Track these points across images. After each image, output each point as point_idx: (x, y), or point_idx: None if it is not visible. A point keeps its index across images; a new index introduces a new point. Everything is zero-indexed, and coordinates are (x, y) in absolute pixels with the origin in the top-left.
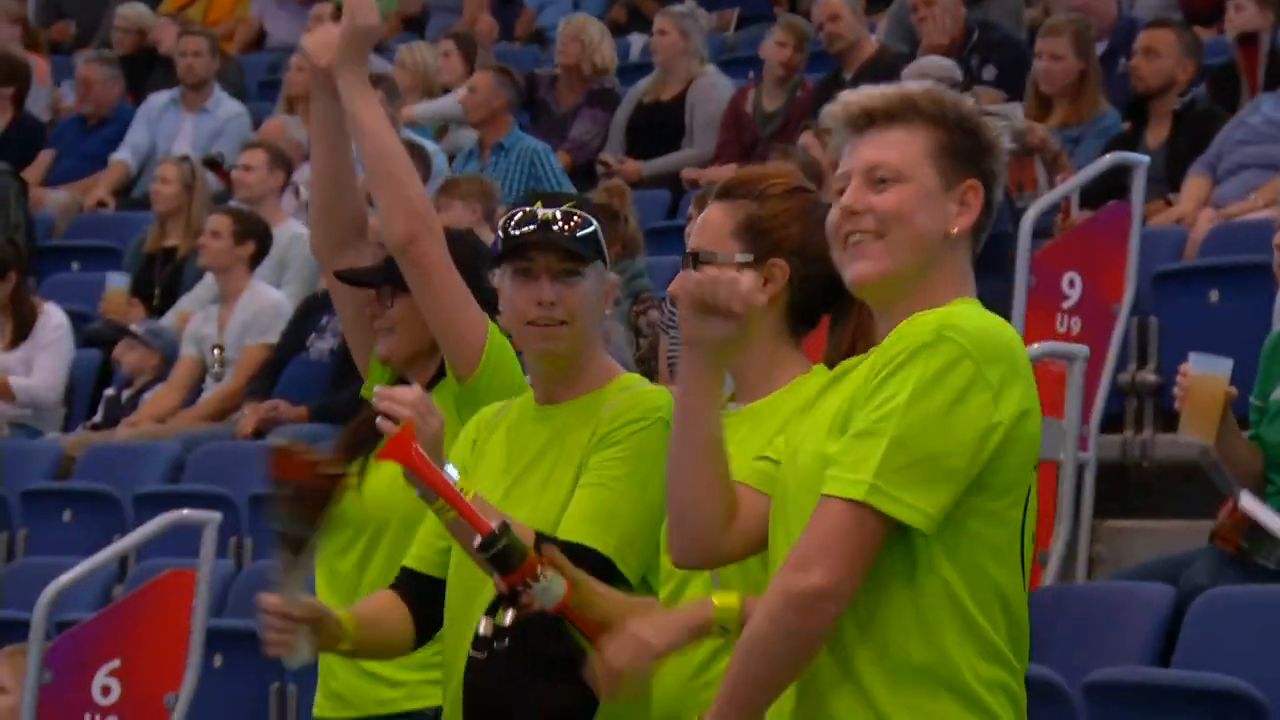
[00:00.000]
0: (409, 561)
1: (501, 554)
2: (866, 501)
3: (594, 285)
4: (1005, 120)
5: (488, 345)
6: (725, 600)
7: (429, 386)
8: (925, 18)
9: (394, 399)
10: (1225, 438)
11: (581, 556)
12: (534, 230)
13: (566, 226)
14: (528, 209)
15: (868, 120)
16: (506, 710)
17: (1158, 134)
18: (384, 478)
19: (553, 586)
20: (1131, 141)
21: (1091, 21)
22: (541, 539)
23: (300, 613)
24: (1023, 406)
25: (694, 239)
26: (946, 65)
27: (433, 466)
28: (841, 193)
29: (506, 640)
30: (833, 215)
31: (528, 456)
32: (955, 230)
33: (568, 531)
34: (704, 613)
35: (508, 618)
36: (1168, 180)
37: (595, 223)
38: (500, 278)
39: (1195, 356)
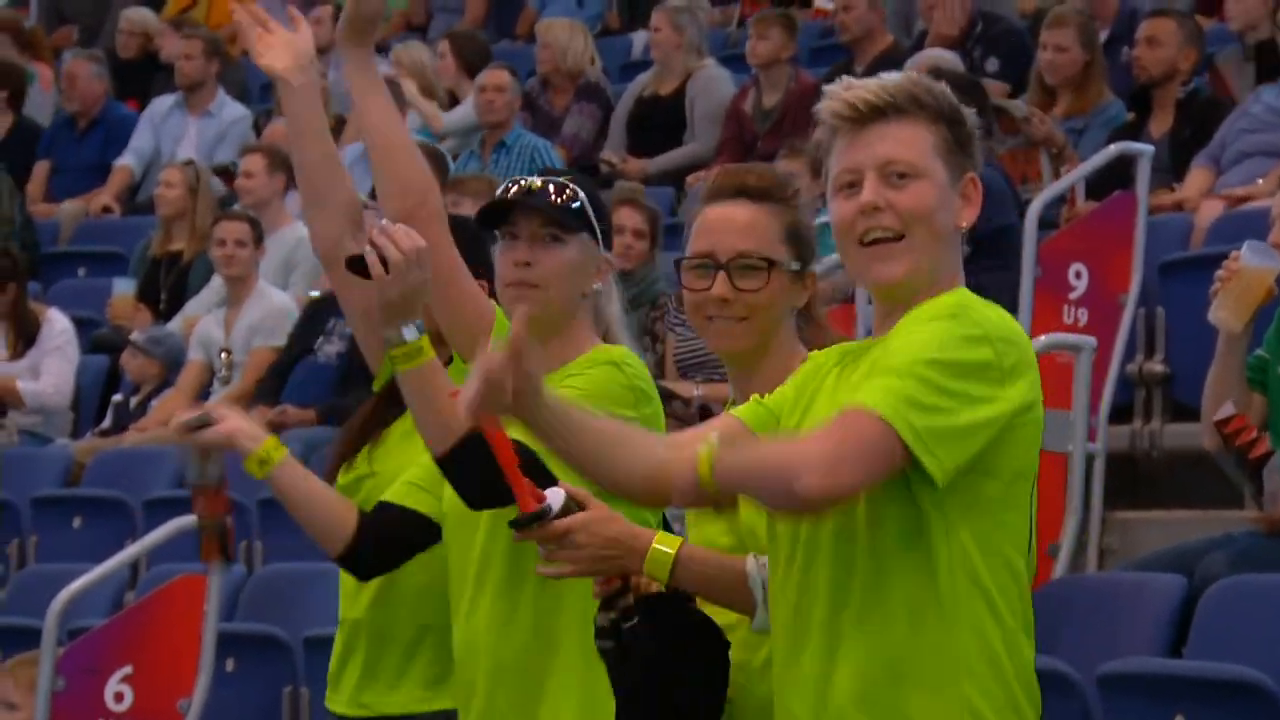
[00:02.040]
0: (388, 496)
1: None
2: (893, 425)
3: (576, 255)
4: (1020, 112)
5: (495, 328)
6: None
7: None
8: (935, 6)
9: (391, 239)
10: (1228, 367)
11: (519, 449)
12: (519, 194)
13: (554, 196)
14: (521, 180)
15: (873, 114)
16: (659, 684)
17: (1161, 123)
18: (390, 474)
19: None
20: (1135, 131)
21: (1094, 10)
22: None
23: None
24: (1032, 395)
25: (739, 238)
26: (950, 58)
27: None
28: (848, 187)
29: (635, 619)
30: (844, 212)
31: None
32: (963, 224)
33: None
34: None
35: (617, 607)
36: (1172, 169)
37: (585, 197)
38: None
39: (1249, 245)
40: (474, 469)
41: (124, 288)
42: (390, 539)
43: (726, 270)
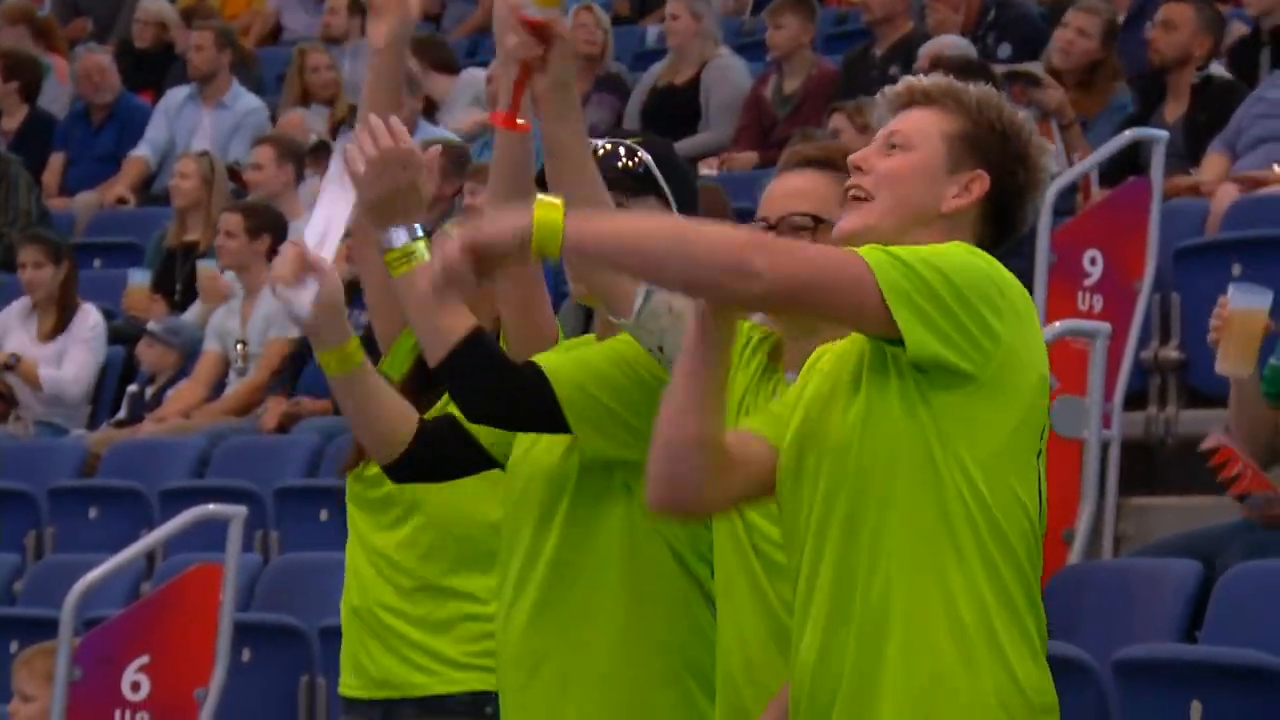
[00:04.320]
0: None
1: None
2: (875, 273)
3: None
4: (1038, 73)
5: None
6: (546, 211)
7: None
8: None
9: (372, 136)
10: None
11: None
12: None
13: (624, 159)
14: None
15: (908, 100)
16: None
17: (1176, 108)
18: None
19: None
20: (1149, 116)
21: None
22: None
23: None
24: (1028, 347)
25: (790, 201)
26: (961, 43)
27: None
28: None
29: None
30: None
31: None
32: (944, 209)
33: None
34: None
35: None
36: (1187, 155)
37: (651, 158)
38: None
39: (1235, 289)
40: (472, 376)
41: (139, 279)
42: (445, 458)
43: (775, 230)
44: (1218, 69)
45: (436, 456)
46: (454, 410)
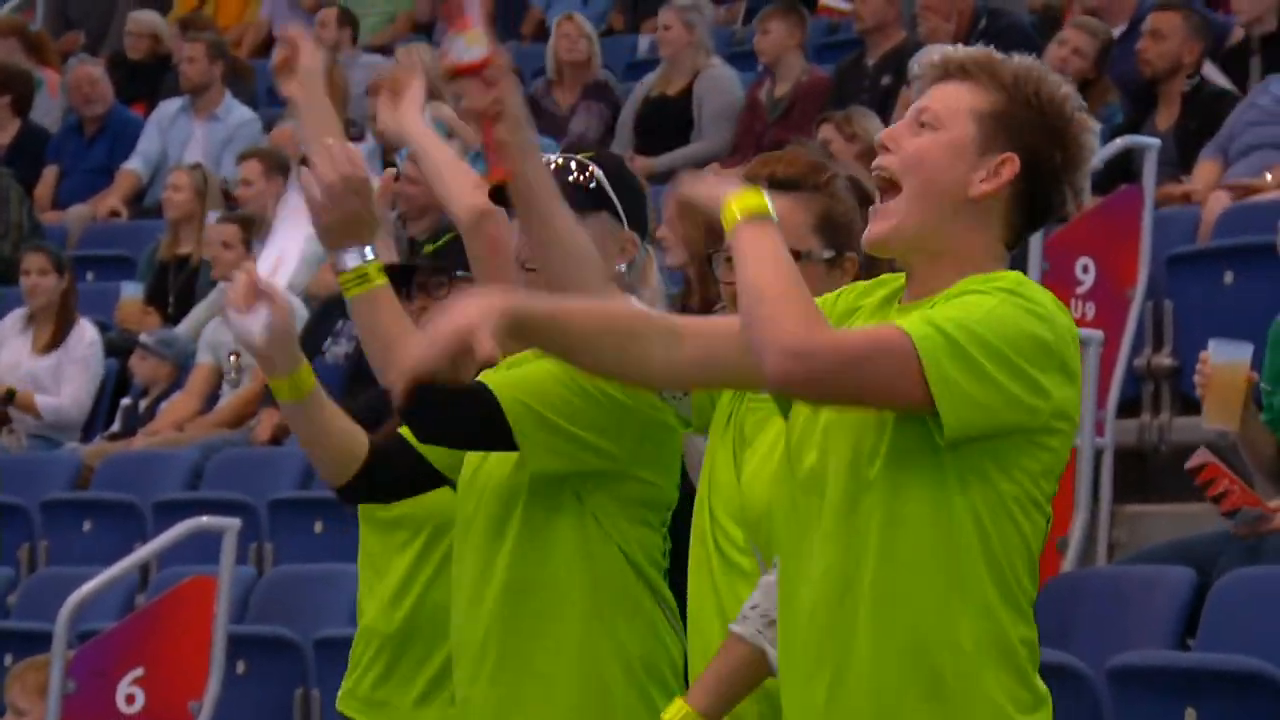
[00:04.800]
0: (407, 433)
1: None
2: (921, 358)
3: (592, 235)
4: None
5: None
6: None
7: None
8: (928, 6)
9: (331, 160)
10: (1244, 422)
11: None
12: None
13: (575, 174)
14: (545, 158)
15: (944, 73)
16: None
17: (1167, 116)
18: None
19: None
20: (1141, 125)
21: (1111, 7)
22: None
23: None
24: (1075, 403)
25: None
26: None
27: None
28: None
29: None
30: None
31: None
32: (972, 193)
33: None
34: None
35: None
36: (1179, 163)
37: (603, 174)
38: None
39: (1215, 344)
40: (426, 399)
41: (132, 291)
42: (396, 479)
43: None
44: (1211, 72)
45: (386, 477)
46: (404, 431)
